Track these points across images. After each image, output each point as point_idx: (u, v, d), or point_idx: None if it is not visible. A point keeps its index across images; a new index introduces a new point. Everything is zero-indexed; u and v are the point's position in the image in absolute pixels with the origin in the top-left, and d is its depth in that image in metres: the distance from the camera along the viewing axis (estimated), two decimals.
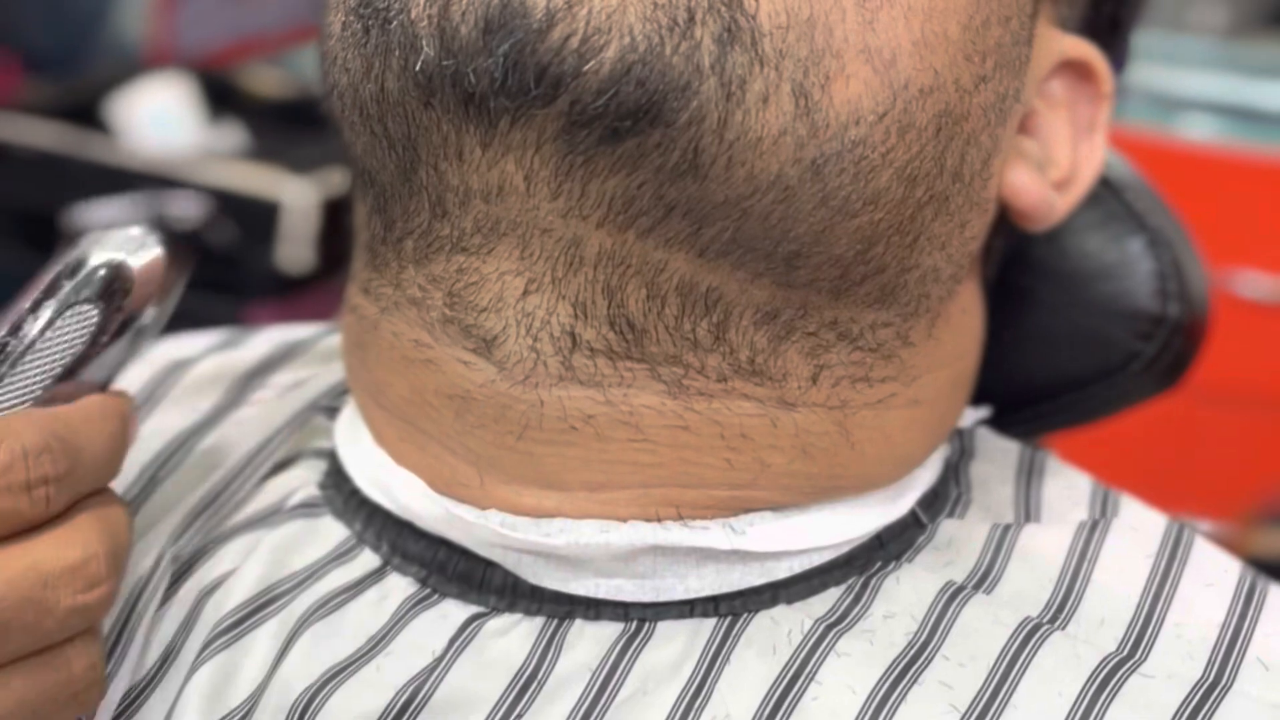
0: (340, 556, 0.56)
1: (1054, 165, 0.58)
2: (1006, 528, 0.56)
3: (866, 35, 0.48)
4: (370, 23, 0.49)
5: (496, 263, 0.50)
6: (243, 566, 0.56)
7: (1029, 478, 0.59)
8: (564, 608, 0.53)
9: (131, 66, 2.35)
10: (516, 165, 0.48)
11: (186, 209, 0.57)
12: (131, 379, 0.63)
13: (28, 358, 0.50)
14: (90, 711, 0.50)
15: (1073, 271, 0.68)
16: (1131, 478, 0.72)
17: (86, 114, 2.19)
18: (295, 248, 2.00)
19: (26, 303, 0.51)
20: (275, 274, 2.02)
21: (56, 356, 0.50)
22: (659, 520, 0.52)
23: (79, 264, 0.50)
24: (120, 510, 0.49)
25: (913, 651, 0.52)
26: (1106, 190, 0.68)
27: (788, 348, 0.51)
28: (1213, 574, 0.56)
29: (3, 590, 0.45)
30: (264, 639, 0.54)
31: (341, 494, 0.57)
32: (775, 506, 0.53)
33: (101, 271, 0.50)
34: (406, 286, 0.53)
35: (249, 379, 0.66)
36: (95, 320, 0.50)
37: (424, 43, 0.47)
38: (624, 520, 0.52)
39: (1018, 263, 0.68)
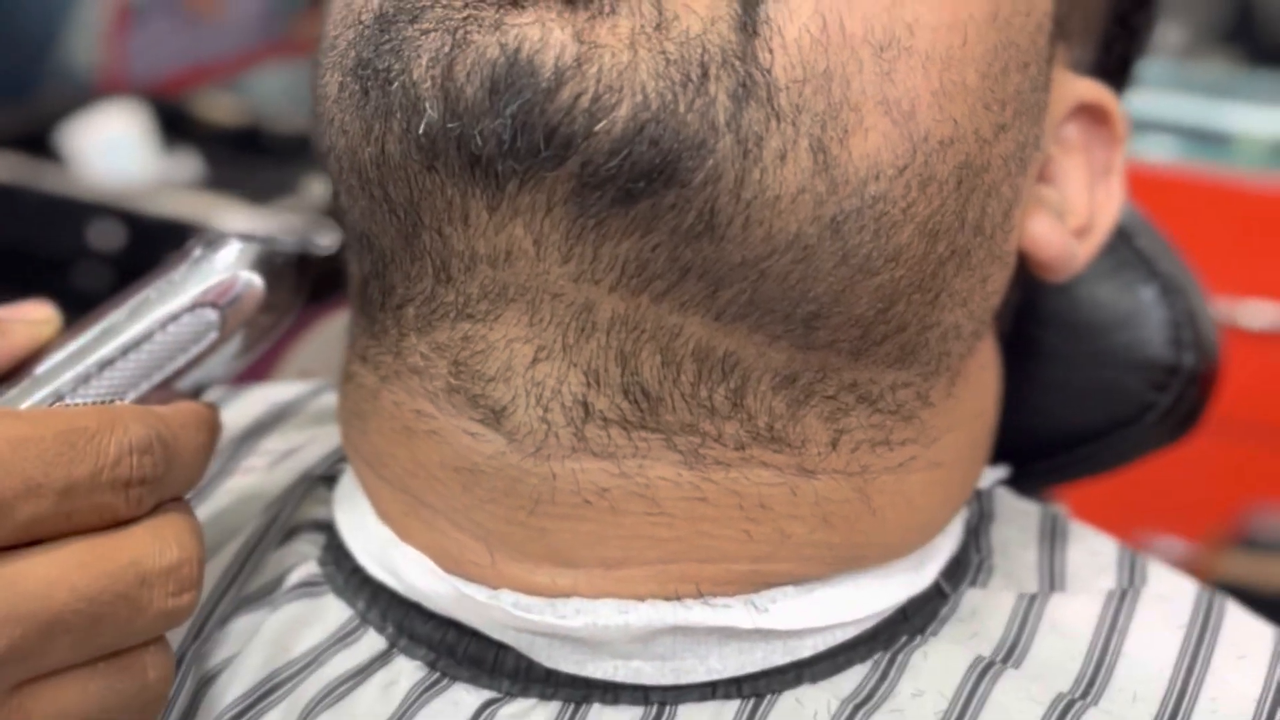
0: (344, 639, 0.53)
1: (1072, 213, 0.56)
2: (1032, 598, 0.54)
3: (884, 86, 0.46)
4: (370, 84, 0.47)
5: (504, 329, 0.48)
6: (243, 653, 0.53)
7: (1052, 542, 0.57)
8: (580, 691, 0.50)
9: (83, 94, 2.31)
10: (525, 229, 0.46)
11: (321, 235, 0.56)
12: None
13: (142, 348, 0.48)
14: None
15: (1085, 322, 0.67)
16: (1101, 497, 0.70)
17: (38, 143, 2.15)
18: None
19: (147, 291, 0.49)
20: None
21: (167, 355, 0.49)
22: (678, 598, 0.50)
23: (209, 265, 0.49)
24: (197, 521, 0.48)
25: None
26: (1116, 237, 0.67)
27: (806, 413, 0.49)
28: (1245, 644, 0.54)
29: (103, 582, 0.44)
30: None
31: (342, 571, 0.54)
32: (796, 580, 0.51)
33: (233, 278, 0.49)
34: (408, 355, 0.50)
35: (238, 444, 0.63)
36: (215, 327, 0.49)
37: (427, 104, 0.45)
38: (641, 599, 0.50)
39: (1029, 314, 0.66)
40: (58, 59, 2.42)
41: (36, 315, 0.49)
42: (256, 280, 0.49)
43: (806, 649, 0.51)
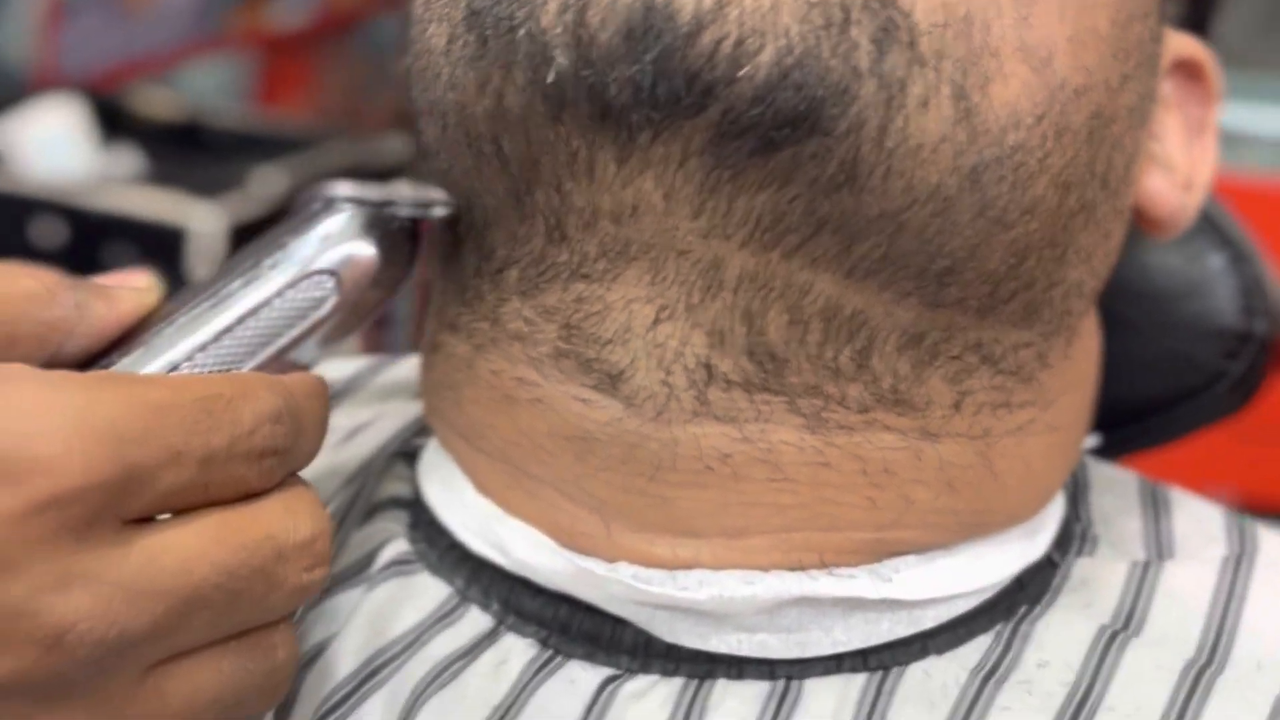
0: (444, 618, 0.51)
1: (1174, 169, 0.55)
2: (1145, 566, 0.53)
3: (1023, 32, 0.45)
4: (489, 33, 0.45)
5: (623, 289, 0.46)
6: (341, 634, 0.51)
7: (1155, 510, 0.56)
8: (703, 666, 0.49)
9: (16, 90, 2.27)
10: (655, 182, 0.44)
11: (436, 197, 0.54)
12: None
13: (260, 314, 0.45)
14: (272, 708, 0.46)
15: (1157, 291, 0.66)
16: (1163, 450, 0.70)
17: None
18: (201, 275, 1.93)
19: (260, 256, 0.46)
20: None
21: (284, 324, 0.46)
22: (802, 568, 0.48)
23: (326, 230, 0.46)
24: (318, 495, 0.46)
25: (1075, 702, 0.48)
26: None
27: (931, 374, 0.48)
28: None
29: (241, 556, 0.41)
30: (375, 714, 0.49)
31: (436, 548, 0.52)
32: (919, 548, 0.49)
33: (351, 244, 0.46)
34: (508, 320, 0.48)
35: None
36: (332, 296, 0.46)
37: (557, 53, 0.43)
38: (764, 569, 0.48)
39: None
40: None
41: (140, 283, 0.46)
42: (372, 248, 0.47)
43: (929, 620, 0.49)
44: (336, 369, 0.64)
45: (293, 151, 2.13)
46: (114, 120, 2.22)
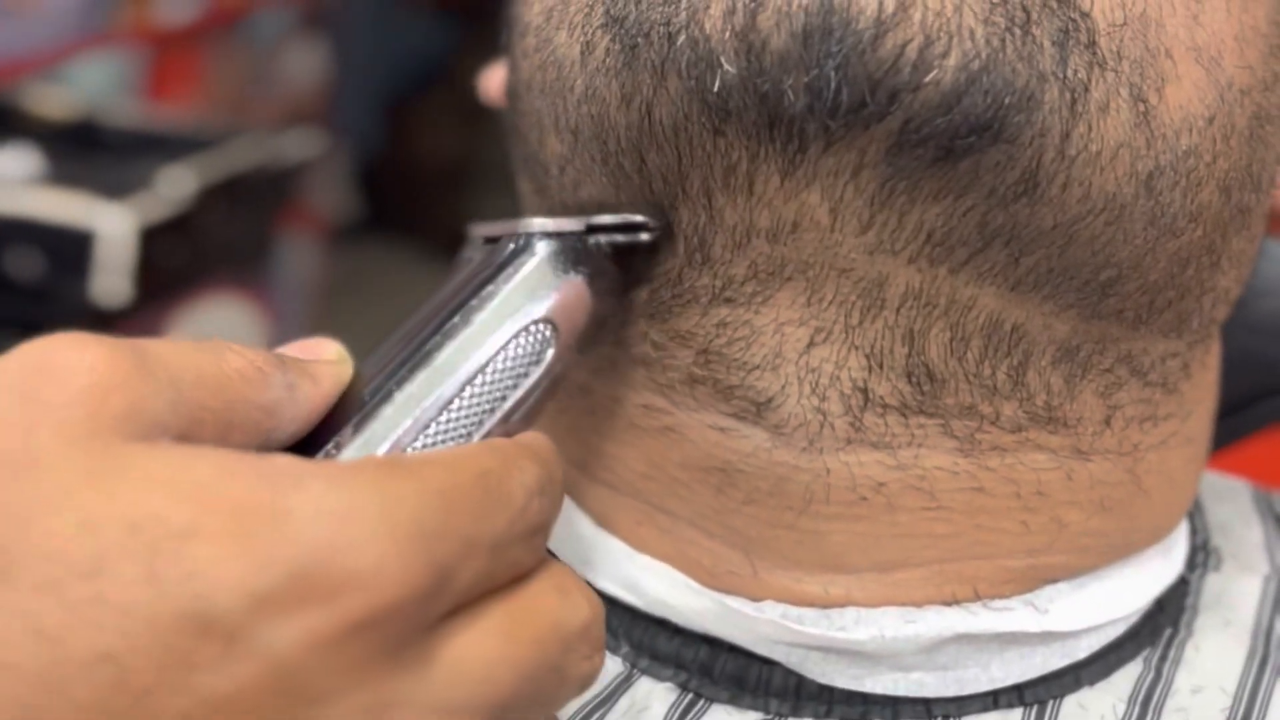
0: None
1: None
2: None
3: (1194, 31, 0.43)
4: (639, 40, 0.42)
5: (774, 312, 0.43)
6: None
7: (1276, 521, 0.54)
8: (858, 708, 0.46)
9: None
10: (823, 196, 0.41)
11: (639, 217, 0.48)
12: None
13: (479, 381, 0.41)
14: None
15: None
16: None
17: None
18: (111, 279, 1.86)
19: (466, 311, 0.41)
20: (87, 307, 1.88)
21: (508, 384, 0.41)
22: (956, 601, 0.46)
23: (533, 271, 0.42)
24: None
25: None
26: None
27: (1083, 388, 0.46)
28: None
29: (535, 654, 0.36)
30: None
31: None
32: (1070, 574, 0.47)
33: (561, 286, 0.42)
34: (632, 344, 0.46)
35: None
36: (550, 345, 0.42)
37: (723, 59, 0.40)
38: (919, 604, 0.45)
39: None
40: None
41: (331, 354, 0.41)
42: (586, 288, 0.43)
43: (1083, 650, 0.47)
44: None
45: (196, 150, 2.07)
46: (6, 120, 2.15)
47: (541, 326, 0.42)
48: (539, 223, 0.43)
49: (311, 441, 0.40)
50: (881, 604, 0.45)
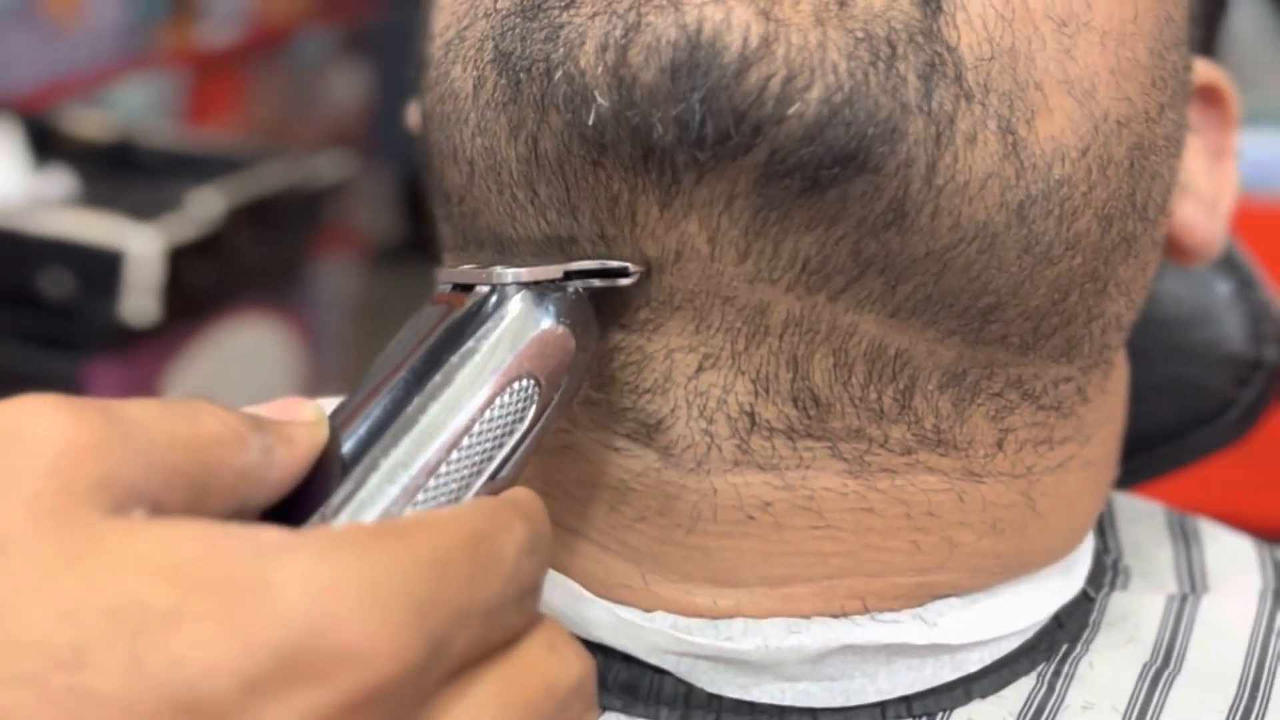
0: None
1: (1200, 196, 0.55)
2: (1183, 599, 0.52)
3: (1066, 64, 0.44)
4: (522, 76, 0.43)
5: (664, 339, 0.45)
6: None
7: (1186, 542, 0.56)
8: (745, 717, 0.47)
9: None
10: (700, 226, 0.43)
11: (614, 261, 0.48)
12: None
13: (468, 440, 0.40)
14: None
15: (1166, 318, 0.65)
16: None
17: None
18: (139, 298, 1.89)
19: (447, 369, 0.40)
20: (116, 326, 1.91)
21: (492, 444, 0.40)
22: (845, 615, 0.47)
23: (513, 325, 0.41)
24: None
25: None
26: None
27: (973, 412, 0.47)
28: None
29: (528, 716, 0.36)
30: None
31: None
32: (962, 591, 0.48)
33: (542, 339, 0.41)
34: None
35: None
36: (533, 401, 0.41)
37: (597, 94, 0.42)
38: (808, 617, 0.47)
39: None
40: None
41: (309, 416, 0.41)
42: (569, 340, 0.42)
43: (974, 663, 0.49)
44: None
45: (228, 172, 2.10)
46: (45, 141, 2.18)
47: (526, 383, 0.41)
48: (514, 272, 0.42)
49: (289, 505, 0.39)
50: (770, 616, 0.47)
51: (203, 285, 2.00)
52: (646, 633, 0.47)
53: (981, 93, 0.42)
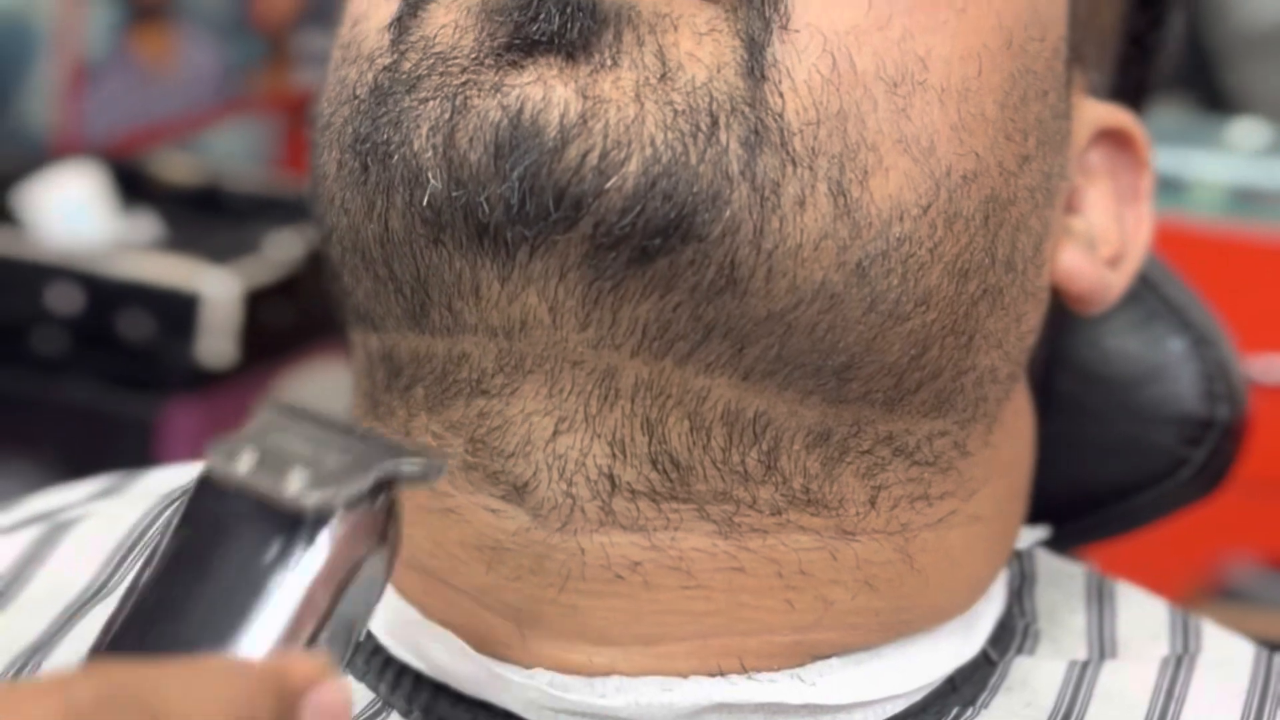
0: None
1: (1103, 242, 0.55)
2: (1084, 666, 0.52)
3: (901, 123, 0.45)
4: (369, 159, 0.45)
5: (521, 403, 0.46)
6: None
7: (1100, 606, 0.55)
8: None
9: (38, 156, 2.28)
10: (539, 297, 0.44)
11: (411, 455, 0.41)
12: (120, 519, 0.57)
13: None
14: None
15: (1116, 376, 0.65)
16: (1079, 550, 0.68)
17: None
18: (216, 340, 1.93)
19: (243, 592, 0.36)
20: (194, 368, 1.95)
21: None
22: (721, 673, 0.47)
23: (334, 550, 0.37)
24: None
25: None
26: (1143, 286, 0.65)
27: (842, 470, 0.47)
28: None
29: None
30: None
31: (361, 653, 0.51)
32: (843, 650, 0.48)
33: (365, 560, 0.38)
34: (418, 434, 0.48)
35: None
36: (353, 632, 0.39)
37: (429, 174, 0.44)
38: (683, 675, 0.47)
39: (1058, 366, 0.64)
40: (12, 120, 2.39)
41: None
42: (385, 551, 0.39)
43: None
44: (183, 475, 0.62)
45: (309, 215, 2.13)
46: (134, 186, 2.23)
47: (345, 619, 0.38)
48: (318, 496, 0.37)
49: None
50: (645, 674, 0.47)
51: (281, 327, 2.03)
52: (525, 690, 0.47)
53: (810, 156, 0.43)
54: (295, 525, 0.37)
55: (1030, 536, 0.57)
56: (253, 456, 0.38)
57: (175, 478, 0.61)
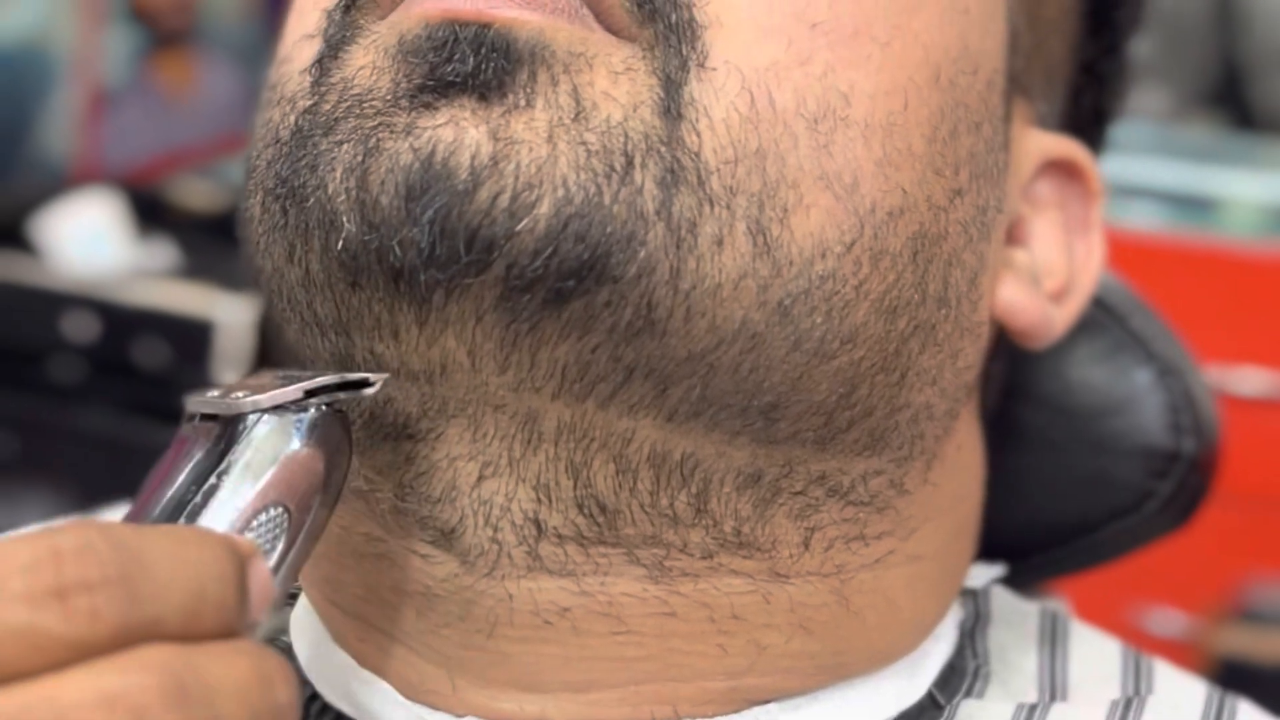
0: None
1: (1050, 274, 0.54)
2: (1033, 708, 0.51)
3: (823, 160, 0.44)
4: (288, 203, 0.45)
5: (446, 448, 0.45)
6: None
7: (1053, 647, 0.54)
8: None
9: (57, 184, 2.30)
10: (457, 340, 0.44)
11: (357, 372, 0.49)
12: None
13: None
14: None
15: (1079, 407, 0.64)
16: (1101, 569, 0.67)
17: (11, 234, 2.13)
18: (230, 367, 1.94)
19: (190, 507, 0.40)
20: None
21: None
22: None
23: (256, 455, 0.41)
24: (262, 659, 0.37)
25: None
26: (1109, 318, 0.64)
27: (774, 512, 0.46)
28: None
29: None
30: None
31: (302, 698, 0.51)
32: (779, 695, 0.48)
33: (288, 463, 0.41)
34: (352, 477, 0.48)
35: None
36: (283, 532, 0.41)
37: (344, 219, 0.43)
38: None
39: (1020, 397, 0.63)
40: (31, 148, 2.40)
41: None
42: (317, 463, 0.42)
43: None
44: None
45: None
46: (152, 213, 2.24)
47: (274, 511, 0.41)
48: (252, 400, 0.41)
49: None
50: None
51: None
52: None
53: (728, 195, 0.43)
54: (230, 426, 0.41)
55: (985, 574, 0.56)
56: (218, 392, 0.42)
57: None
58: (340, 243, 0.43)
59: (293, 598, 0.55)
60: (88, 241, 2.09)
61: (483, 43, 0.43)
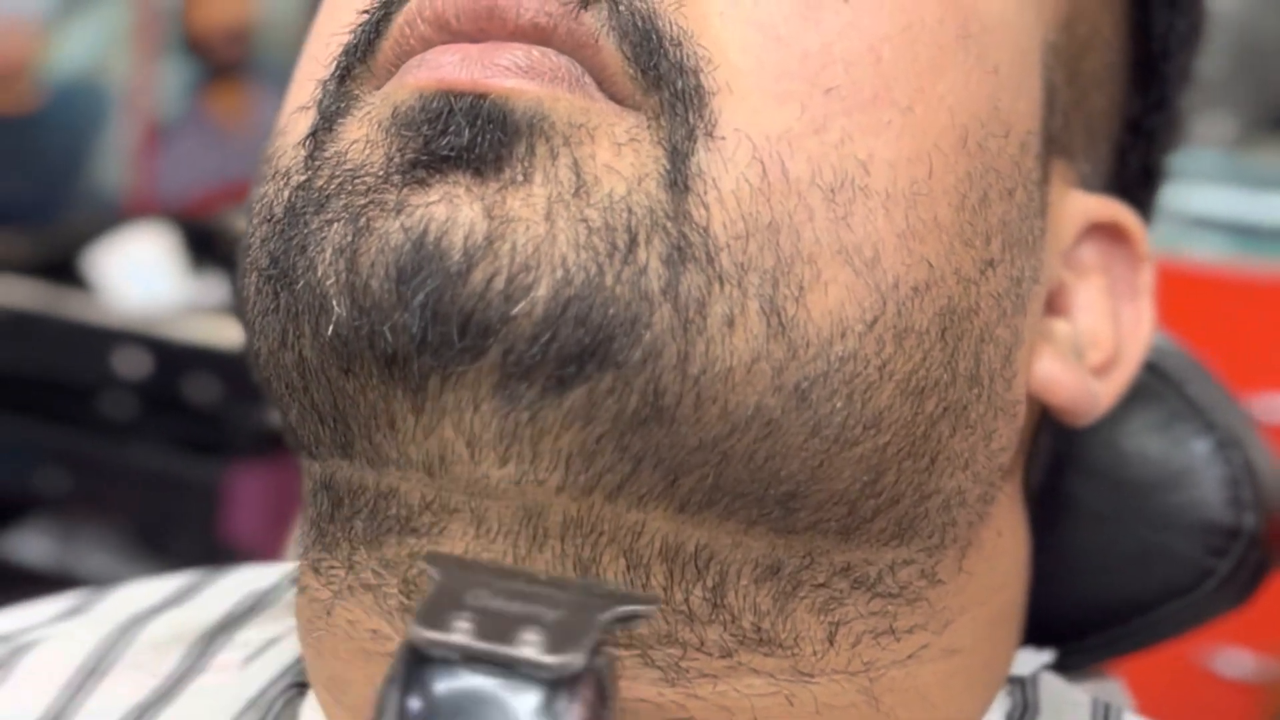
0: None
1: (1094, 345, 0.51)
2: None
3: (841, 233, 0.41)
4: (279, 285, 0.42)
5: (449, 544, 0.43)
6: None
7: None
8: None
9: (111, 217, 2.30)
10: (455, 430, 0.41)
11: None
12: (80, 643, 0.54)
13: None
14: None
15: (1135, 480, 0.60)
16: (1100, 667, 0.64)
17: (64, 269, 2.13)
18: None
19: None
20: (260, 432, 1.94)
21: None
22: None
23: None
24: None
25: None
26: (1166, 385, 0.61)
27: (796, 606, 0.44)
28: None
29: None
30: None
31: None
32: None
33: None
34: (360, 570, 0.45)
35: (211, 638, 0.57)
36: None
37: (334, 302, 0.41)
38: None
39: (1072, 469, 0.60)
40: (85, 182, 2.40)
41: None
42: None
43: None
44: (261, 577, 0.61)
45: None
46: (206, 246, 2.24)
47: None
48: (566, 659, 0.37)
49: None
50: None
51: None
52: None
53: (739, 273, 0.40)
54: (554, 688, 0.37)
55: (1033, 661, 0.53)
56: (467, 623, 0.38)
57: (146, 595, 0.59)
58: (331, 328, 0.41)
59: (304, 686, 0.53)
60: (141, 276, 2.08)
61: (478, 114, 0.41)
